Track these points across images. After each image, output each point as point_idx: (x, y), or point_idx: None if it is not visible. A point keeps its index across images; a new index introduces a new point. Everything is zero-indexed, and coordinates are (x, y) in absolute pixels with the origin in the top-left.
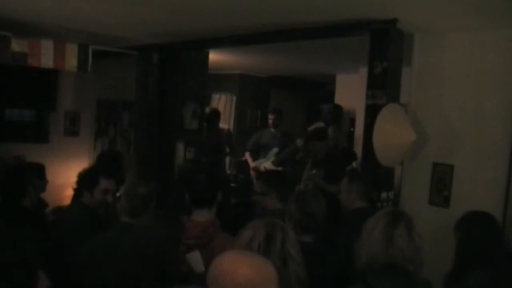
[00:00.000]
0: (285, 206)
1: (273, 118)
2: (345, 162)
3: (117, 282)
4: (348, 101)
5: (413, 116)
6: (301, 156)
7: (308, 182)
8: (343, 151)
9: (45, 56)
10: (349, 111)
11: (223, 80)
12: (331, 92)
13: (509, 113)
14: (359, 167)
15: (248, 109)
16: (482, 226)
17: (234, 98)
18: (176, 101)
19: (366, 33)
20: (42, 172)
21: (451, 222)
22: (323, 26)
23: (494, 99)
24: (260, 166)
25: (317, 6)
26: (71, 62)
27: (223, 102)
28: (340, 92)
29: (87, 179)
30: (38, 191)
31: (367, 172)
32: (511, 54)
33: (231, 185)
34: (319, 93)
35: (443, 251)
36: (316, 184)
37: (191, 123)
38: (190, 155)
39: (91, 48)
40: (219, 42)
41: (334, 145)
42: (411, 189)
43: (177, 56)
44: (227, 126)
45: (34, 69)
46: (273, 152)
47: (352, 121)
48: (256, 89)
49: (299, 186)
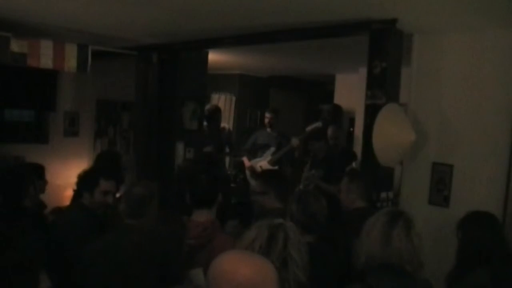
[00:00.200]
0: (284, 206)
1: (269, 117)
2: (345, 162)
3: (119, 283)
4: (348, 101)
5: (412, 116)
6: (299, 155)
7: (308, 182)
8: (343, 151)
9: (44, 56)
10: (349, 111)
11: (222, 80)
12: (331, 92)
13: (508, 113)
14: (359, 167)
15: (247, 109)
16: (484, 226)
17: (234, 98)
18: (175, 101)
19: (366, 33)
20: (42, 173)
21: (451, 222)
22: (323, 26)
23: (494, 99)
24: (256, 165)
25: (317, 6)
26: (71, 62)
27: (223, 102)
28: (339, 92)
29: (87, 180)
30: (38, 191)
31: (367, 172)
32: (511, 54)
33: (231, 185)
34: (318, 93)
35: (443, 250)
36: (315, 184)
37: (190, 123)
38: (190, 155)
39: (90, 48)
40: (218, 42)
41: (334, 145)
42: (410, 189)
43: (177, 56)
44: (227, 125)
45: (33, 70)
46: (269, 151)
47: (352, 121)
48: (256, 89)
49: (299, 187)
